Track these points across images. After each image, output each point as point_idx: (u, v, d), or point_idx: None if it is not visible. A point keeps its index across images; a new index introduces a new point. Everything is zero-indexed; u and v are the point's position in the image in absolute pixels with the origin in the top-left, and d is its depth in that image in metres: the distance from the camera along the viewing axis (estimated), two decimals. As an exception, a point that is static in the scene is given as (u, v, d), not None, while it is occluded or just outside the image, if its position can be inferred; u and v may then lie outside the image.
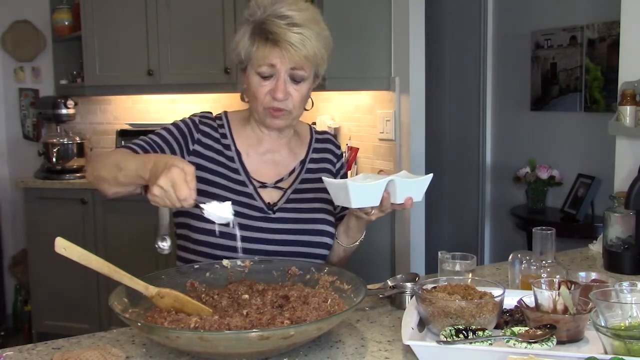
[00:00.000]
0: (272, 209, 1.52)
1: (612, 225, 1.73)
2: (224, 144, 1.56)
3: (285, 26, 1.41)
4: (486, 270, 1.79)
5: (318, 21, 1.47)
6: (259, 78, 1.46)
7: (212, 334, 1.06)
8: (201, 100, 4.10)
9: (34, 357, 1.18)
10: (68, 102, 4.03)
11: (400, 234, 3.11)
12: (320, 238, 1.53)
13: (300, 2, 1.47)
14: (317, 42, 1.44)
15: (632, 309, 1.09)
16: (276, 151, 1.59)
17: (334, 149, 1.69)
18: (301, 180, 1.58)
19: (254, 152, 1.57)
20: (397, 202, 1.35)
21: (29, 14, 4.28)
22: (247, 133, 1.58)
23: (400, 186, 1.33)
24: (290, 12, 1.42)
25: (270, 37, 1.42)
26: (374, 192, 1.32)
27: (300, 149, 1.63)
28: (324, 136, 1.69)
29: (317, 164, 1.63)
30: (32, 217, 3.84)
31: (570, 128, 3.57)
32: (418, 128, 3.08)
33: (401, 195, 1.34)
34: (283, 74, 1.44)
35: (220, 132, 1.57)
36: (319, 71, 1.51)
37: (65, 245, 1.15)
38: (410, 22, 3.02)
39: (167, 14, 3.70)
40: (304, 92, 1.49)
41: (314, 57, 1.45)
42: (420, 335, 1.20)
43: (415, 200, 1.36)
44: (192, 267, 1.41)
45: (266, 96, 1.47)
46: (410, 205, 1.36)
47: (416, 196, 1.36)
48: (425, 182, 1.36)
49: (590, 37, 3.39)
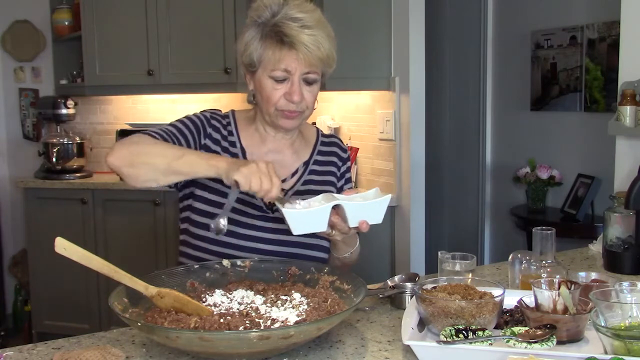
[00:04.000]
0: (271, 208, 1.52)
1: (612, 225, 1.73)
2: (230, 141, 1.57)
3: (299, 28, 1.41)
4: (486, 270, 1.79)
5: (325, 23, 1.47)
6: (273, 81, 1.45)
7: (212, 334, 1.06)
8: (201, 100, 4.10)
9: (34, 357, 1.18)
10: (68, 102, 4.02)
11: (400, 234, 3.11)
12: (318, 241, 1.53)
13: (305, 4, 1.47)
14: (328, 44, 1.44)
15: (632, 309, 1.09)
16: (279, 151, 1.59)
17: (340, 153, 1.68)
18: (304, 181, 1.58)
19: (257, 152, 1.57)
20: (351, 225, 1.30)
21: (29, 14, 4.27)
22: (251, 133, 1.59)
23: (350, 210, 1.28)
24: (301, 15, 1.42)
25: (286, 40, 1.41)
26: (315, 218, 1.27)
27: (305, 151, 1.63)
28: (330, 139, 1.69)
29: (321, 167, 1.63)
30: (32, 217, 3.83)
31: (570, 128, 3.57)
32: (418, 128, 3.08)
33: (353, 219, 1.29)
34: (297, 77, 1.44)
35: (227, 130, 1.58)
36: (327, 72, 1.51)
37: (65, 245, 1.15)
38: (410, 22, 3.02)
39: (167, 14, 3.70)
40: (315, 93, 1.50)
41: (327, 58, 1.45)
42: (420, 335, 1.20)
43: (372, 223, 1.30)
44: (192, 267, 1.41)
45: (280, 99, 1.46)
46: (366, 229, 1.31)
47: (372, 219, 1.30)
48: (381, 204, 1.29)
49: (590, 37, 3.39)
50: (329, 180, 1.62)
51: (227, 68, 3.65)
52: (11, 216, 4.38)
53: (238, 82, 3.65)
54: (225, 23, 3.63)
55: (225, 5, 3.62)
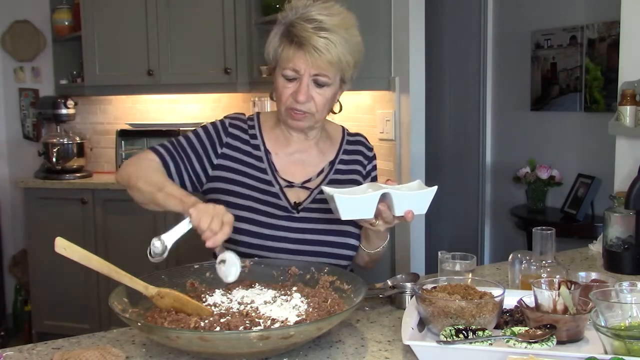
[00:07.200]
0: (297, 208, 1.53)
1: (612, 225, 1.73)
2: (253, 145, 1.58)
3: (312, 30, 1.42)
4: (486, 270, 1.79)
5: (348, 27, 1.47)
6: (284, 80, 1.48)
7: (212, 334, 1.06)
8: (201, 101, 4.10)
9: (34, 357, 1.18)
10: (68, 102, 4.02)
11: (400, 234, 3.11)
12: (344, 239, 1.54)
13: (334, 7, 1.48)
14: (343, 48, 1.44)
15: (632, 309, 1.09)
16: (304, 151, 1.60)
17: (365, 151, 1.69)
18: (329, 181, 1.59)
19: (283, 152, 1.59)
20: (396, 214, 1.32)
21: (29, 14, 4.27)
22: (277, 134, 1.61)
23: (397, 199, 1.31)
24: (320, 17, 1.44)
25: (296, 40, 1.44)
26: (364, 204, 1.30)
27: (330, 150, 1.64)
28: (355, 138, 1.70)
29: (347, 165, 1.64)
30: (32, 217, 3.84)
31: (570, 128, 3.57)
32: (418, 128, 3.08)
33: (399, 208, 1.31)
34: (306, 78, 1.46)
35: (250, 133, 1.60)
36: (345, 76, 1.52)
37: (65, 245, 1.15)
38: (410, 22, 3.02)
39: (167, 14, 3.70)
40: (327, 96, 1.50)
41: (339, 62, 1.45)
42: (420, 335, 1.20)
43: (417, 213, 1.33)
44: (192, 267, 1.41)
45: (289, 98, 1.48)
46: (411, 218, 1.33)
47: (418, 209, 1.33)
48: (428, 194, 1.32)
49: (590, 37, 3.39)
50: (354, 179, 1.62)
51: (227, 68, 3.65)
52: (11, 216, 4.38)
53: (238, 82, 3.65)
54: (225, 23, 3.63)
55: (225, 6, 3.63)
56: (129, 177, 1.47)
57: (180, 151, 1.55)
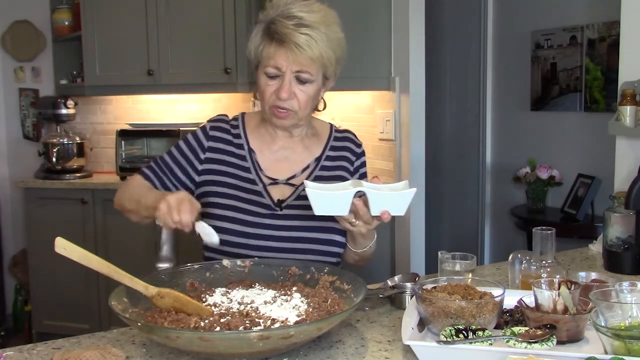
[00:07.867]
0: (280, 205, 1.53)
1: (612, 225, 1.73)
2: (237, 144, 1.59)
3: (293, 27, 1.42)
4: (486, 270, 1.79)
5: (329, 24, 1.47)
6: (266, 77, 1.48)
7: (212, 334, 1.06)
8: (201, 100, 4.10)
9: (34, 357, 1.18)
10: (68, 102, 4.02)
11: (400, 234, 3.11)
12: (329, 235, 1.53)
13: (315, 4, 1.49)
14: (324, 44, 1.45)
15: (632, 309, 1.09)
16: (289, 148, 1.61)
17: (354, 147, 1.68)
18: (315, 177, 1.58)
19: (268, 150, 1.60)
20: (372, 213, 1.31)
21: (29, 14, 4.27)
22: (262, 132, 1.61)
23: (374, 198, 1.29)
24: (300, 13, 1.44)
25: (277, 37, 1.44)
26: (338, 201, 1.29)
27: (317, 146, 1.64)
28: (343, 134, 1.70)
29: (333, 162, 1.63)
30: (32, 217, 3.84)
31: (570, 128, 3.57)
32: (418, 128, 3.08)
33: (376, 207, 1.30)
34: (288, 74, 1.46)
35: (233, 133, 1.61)
36: (328, 73, 1.52)
37: (65, 245, 1.15)
38: (410, 22, 3.02)
39: (167, 14, 3.70)
40: (310, 93, 1.50)
41: (320, 58, 1.46)
42: (420, 335, 1.20)
43: (394, 214, 1.31)
44: (192, 267, 1.41)
45: (272, 95, 1.49)
46: (387, 219, 1.32)
47: (395, 210, 1.30)
48: (406, 196, 1.30)
49: (590, 37, 3.39)
50: (340, 176, 1.61)
51: (227, 68, 3.64)
52: (11, 216, 4.38)
53: (238, 82, 3.65)
54: (225, 23, 3.63)
55: (225, 6, 3.62)
56: (121, 202, 1.57)
57: (163, 167, 1.59)
